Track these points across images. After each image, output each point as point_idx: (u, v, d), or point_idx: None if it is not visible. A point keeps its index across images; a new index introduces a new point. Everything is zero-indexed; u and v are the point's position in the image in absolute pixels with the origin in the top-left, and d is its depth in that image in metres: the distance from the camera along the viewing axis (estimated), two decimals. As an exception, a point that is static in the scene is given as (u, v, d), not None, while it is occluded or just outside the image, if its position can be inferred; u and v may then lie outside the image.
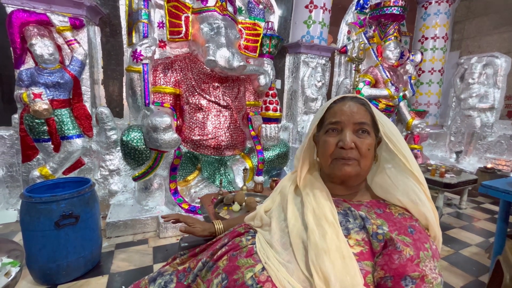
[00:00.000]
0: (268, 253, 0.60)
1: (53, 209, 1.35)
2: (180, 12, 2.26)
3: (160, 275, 0.74)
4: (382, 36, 3.68)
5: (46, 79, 1.91)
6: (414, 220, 0.59)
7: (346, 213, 0.62)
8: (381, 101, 3.59)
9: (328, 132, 0.66)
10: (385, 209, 0.61)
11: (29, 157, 2.04)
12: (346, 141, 0.62)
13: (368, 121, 0.64)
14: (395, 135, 0.64)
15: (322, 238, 0.56)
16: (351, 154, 0.62)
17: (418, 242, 0.54)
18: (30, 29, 1.87)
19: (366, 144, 0.63)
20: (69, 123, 2.03)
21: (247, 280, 0.55)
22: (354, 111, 0.64)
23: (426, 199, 0.59)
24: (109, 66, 2.46)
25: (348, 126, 0.63)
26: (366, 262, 0.54)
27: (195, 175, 2.30)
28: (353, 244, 0.56)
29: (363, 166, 0.63)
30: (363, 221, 0.59)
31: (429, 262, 0.52)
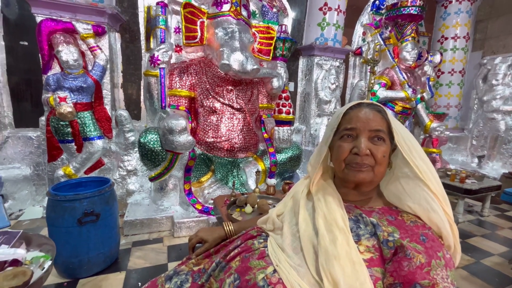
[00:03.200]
0: (280, 257, 0.61)
1: (76, 206, 1.42)
2: (196, 18, 2.33)
3: (176, 274, 0.77)
4: (398, 37, 3.59)
5: (71, 84, 2.03)
6: (427, 228, 0.58)
7: (357, 220, 0.62)
8: (397, 103, 3.50)
9: (343, 137, 0.66)
10: (397, 216, 0.61)
11: (54, 157, 2.16)
12: (361, 148, 0.62)
13: (384, 128, 0.64)
14: (409, 143, 0.63)
15: (332, 244, 0.57)
16: (366, 161, 0.62)
17: (431, 250, 0.53)
18: (57, 36, 1.99)
19: (381, 151, 0.63)
20: (90, 125, 2.14)
21: (259, 281, 0.57)
22: (370, 118, 0.65)
23: (440, 208, 0.58)
24: (128, 71, 2.56)
25: (363, 133, 0.64)
26: (376, 268, 0.54)
27: (208, 176, 2.34)
28: (363, 251, 0.57)
29: (377, 173, 0.64)
30: (374, 228, 0.59)
31: (441, 271, 0.51)
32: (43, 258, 0.54)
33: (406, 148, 0.63)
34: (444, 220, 0.58)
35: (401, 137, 0.64)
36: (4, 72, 2.16)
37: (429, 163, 0.63)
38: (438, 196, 0.60)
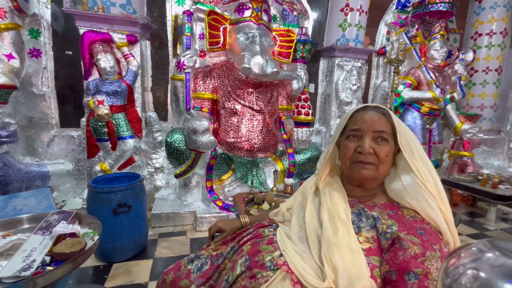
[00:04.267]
0: (286, 243, 0.68)
1: (112, 198, 1.60)
2: (219, 24, 2.45)
3: (197, 258, 0.87)
4: (426, 35, 3.45)
5: (107, 88, 2.25)
6: (426, 223, 0.62)
7: (359, 213, 0.67)
8: (424, 104, 3.37)
9: (349, 137, 0.72)
10: (397, 211, 0.65)
11: (93, 154, 2.40)
12: (365, 147, 0.67)
13: (387, 130, 0.69)
14: (412, 144, 0.67)
15: (334, 234, 0.62)
16: (369, 159, 0.68)
17: (427, 243, 0.57)
18: (97, 46, 2.22)
19: (384, 151, 0.68)
20: (124, 125, 2.35)
21: (266, 262, 0.64)
22: (375, 120, 0.69)
23: (437, 206, 0.62)
24: (157, 75, 2.76)
25: (367, 134, 0.69)
26: (373, 257, 0.59)
27: (229, 175, 2.45)
28: (363, 241, 0.62)
29: (380, 171, 0.68)
30: (375, 221, 0.64)
31: (435, 262, 0.55)
32: (92, 234, 0.66)
33: (407, 149, 0.67)
34: (440, 217, 0.61)
35: (404, 138, 0.68)
36: (52, 78, 2.45)
37: (429, 165, 0.67)
38: (434, 195, 0.63)
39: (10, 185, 2.07)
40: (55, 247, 0.57)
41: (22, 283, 0.47)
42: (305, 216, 0.72)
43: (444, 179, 2.88)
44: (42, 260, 0.53)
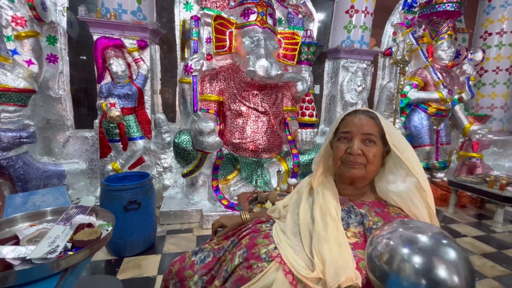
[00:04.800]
0: (281, 238, 0.74)
1: (123, 196, 1.69)
2: (225, 28, 2.53)
3: (200, 251, 0.94)
4: (433, 35, 3.43)
5: (119, 91, 2.36)
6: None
7: (349, 210, 0.73)
8: (431, 105, 3.35)
9: (340, 139, 0.77)
10: (383, 209, 0.70)
11: (105, 154, 2.52)
12: (354, 148, 0.73)
13: (375, 132, 0.74)
14: (402, 144, 0.72)
15: (324, 229, 0.68)
16: (358, 159, 0.73)
17: (410, 238, 0.62)
18: (109, 51, 2.33)
19: (372, 152, 0.73)
20: (134, 127, 2.45)
21: (262, 254, 0.70)
22: (364, 123, 0.75)
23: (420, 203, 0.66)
24: (166, 78, 2.86)
25: (357, 136, 0.74)
26: (359, 250, 0.64)
27: (234, 175, 2.52)
28: (350, 236, 0.67)
29: (369, 171, 0.73)
30: (362, 217, 0.69)
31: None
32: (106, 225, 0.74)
33: (400, 148, 0.71)
34: (424, 213, 0.66)
35: (394, 138, 0.73)
36: (68, 82, 2.58)
37: (418, 161, 0.71)
38: (426, 191, 0.67)
39: (29, 182, 2.20)
40: (75, 235, 0.65)
41: (47, 264, 0.54)
42: (299, 213, 0.78)
43: (450, 181, 2.86)
44: (64, 246, 0.60)
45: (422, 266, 0.22)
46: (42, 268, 0.53)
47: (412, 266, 0.23)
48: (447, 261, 0.22)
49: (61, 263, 0.55)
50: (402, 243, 0.25)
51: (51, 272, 0.54)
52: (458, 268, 0.22)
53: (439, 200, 3.09)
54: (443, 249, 0.23)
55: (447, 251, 0.23)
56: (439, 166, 3.45)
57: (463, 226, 2.53)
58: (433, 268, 0.22)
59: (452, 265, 0.22)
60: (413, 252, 0.24)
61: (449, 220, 2.65)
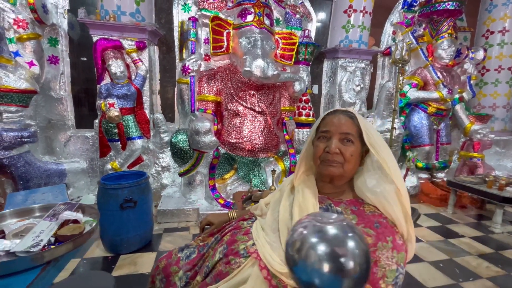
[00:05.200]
0: (259, 234, 0.76)
1: (119, 194, 1.73)
2: (223, 29, 2.55)
3: (186, 247, 0.96)
4: (433, 34, 3.40)
5: (118, 92, 2.40)
6: (383, 218, 0.67)
7: (327, 208, 0.74)
8: (430, 104, 3.33)
9: (319, 138, 0.79)
10: (359, 207, 0.71)
11: (105, 154, 2.57)
12: (331, 147, 0.74)
13: (353, 132, 0.75)
14: (379, 144, 0.73)
15: None
16: (336, 158, 0.74)
17: (381, 235, 0.63)
18: (108, 52, 2.38)
19: (350, 151, 0.74)
20: (133, 127, 2.49)
21: (240, 250, 0.72)
22: (342, 122, 0.76)
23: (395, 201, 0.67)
24: (164, 78, 2.90)
25: (335, 135, 0.75)
26: (334, 247, 0.66)
27: (231, 174, 2.54)
28: (326, 233, 0.68)
29: (346, 169, 0.74)
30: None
31: (386, 252, 0.61)
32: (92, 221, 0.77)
33: (377, 147, 0.72)
34: (397, 211, 0.67)
35: (372, 138, 0.74)
36: (69, 83, 2.63)
37: (395, 161, 0.72)
38: (401, 190, 0.68)
39: (31, 181, 2.26)
40: (60, 230, 0.69)
41: (29, 256, 0.57)
42: (279, 210, 0.79)
43: (449, 181, 2.84)
44: (48, 240, 0.63)
45: (325, 253, 0.24)
46: (24, 260, 0.56)
47: (317, 253, 0.25)
48: (346, 250, 0.24)
49: (43, 255, 0.58)
50: (312, 232, 0.27)
51: (33, 264, 0.57)
52: (355, 256, 0.24)
53: (439, 201, 3.07)
54: (345, 240, 0.25)
55: (348, 242, 0.25)
56: (439, 166, 3.43)
57: (462, 226, 2.51)
58: (333, 255, 0.24)
59: (350, 254, 0.25)
60: (320, 241, 0.26)
61: (447, 221, 2.63)
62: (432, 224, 2.54)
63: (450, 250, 2.07)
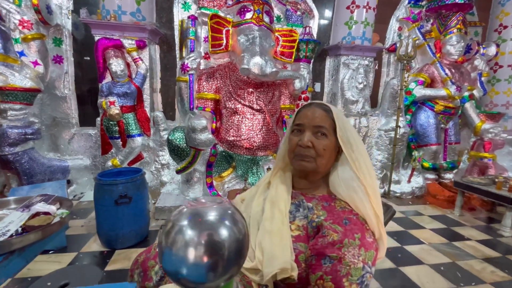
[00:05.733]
0: (230, 229, 0.74)
1: (114, 190, 1.75)
2: (222, 27, 2.55)
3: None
4: (441, 29, 3.28)
5: (118, 90, 2.44)
6: (354, 214, 0.65)
7: (299, 204, 0.72)
8: (438, 102, 3.21)
9: (293, 132, 0.76)
10: (330, 203, 0.69)
11: (106, 151, 2.62)
12: (304, 141, 0.72)
13: (327, 125, 0.72)
14: (352, 140, 0.70)
15: (270, 222, 0.68)
16: (308, 152, 0.71)
17: (349, 232, 0.60)
18: (109, 51, 2.43)
19: (323, 145, 0.71)
20: (133, 124, 2.53)
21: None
22: (316, 115, 0.73)
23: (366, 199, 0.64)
24: (165, 77, 2.93)
25: (308, 128, 0.73)
26: (301, 243, 0.64)
27: (229, 172, 2.54)
28: (294, 229, 0.66)
29: (319, 164, 0.72)
30: (308, 211, 0.68)
31: (353, 249, 0.58)
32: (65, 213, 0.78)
33: (347, 143, 0.70)
34: (368, 208, 0.64)
35: (344, 133, 0.71)
36: (72, 82, 2.71)
37: (367, 159, 0.69)
38: (367, 188, 0.65)
39: (35, 177, 2.33)
40: (29, 221, 0.70)
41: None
42: (252, 206, 0.77)
43: (456, 182, 2.73)
44: (15, 230, 0.64)
45: (191, 239, 0.23)
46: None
47: (184, 238, 0.23)
48: (218, 237, 0.23)
49: (7, 244, 0.59)
50: (186, 215, 0.25)
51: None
52: (225, 245, 0.22)
53: (446, 202, 2.95)
54: (218, 227, 0.23)
55: (221, 229, 0.23)
56: (447, 167, 3.30)
57: (468, 229, 2.41)
58: (202, 242, 0.22)
59: (221, 242, 0.23)
60: (190, 225, 0.24)
61: (453, 223, 2.52)
62: (436, 226, 2.44)
63: (454, 253, 1.98)
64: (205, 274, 0.23)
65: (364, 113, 3.12)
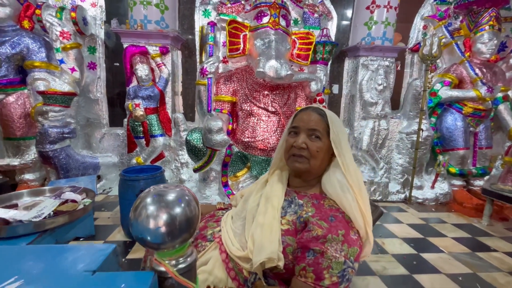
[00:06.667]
0: (227, 222, 0.81)
1: (136, 185, 1.90)
2: (239, 32, 2.64)
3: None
4: (471, 26, 3.09)
5: (143, 93, 2.64)
6: (340, 212, 0.68)
7: (291, 201, 0.77)
8: (466, 104, 3.03)
9: (290, 134, 0.82)
10: (320, 201, 0.73)
11: (132, 149, 2.83)
12: (298, 142, 0.77)
13: (320, 129, 0.77)
14: (342, 143, 0.75)
15: (263, 216, 0.73)
16: (302, 153, 0.76)
17: (333, 228, 0.64)
18: (136, 58, 2.63)
19: (316, 147, 0.76)
20: (155, 125, 2.71)
21: (208, 235, 0.78)
22: (311, 119, 0.78)
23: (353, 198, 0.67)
24: (186, 80, 3.09)
25: (303, 131, 0.78)
26: (289, 237, 0.69)
27: (244, 172, 2.62)
28: (284, 223, 0.71)
29: (312, 165, 0.76)
30: (299, 208, 0.72)
31: (336, 244, 0.62)
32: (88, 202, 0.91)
33: (338, 145, 0.74)
34: (353, 207, 0.67)
35: (336, 137, 0.75)
36: (104, 86, 2.96)
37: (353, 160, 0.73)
38: (354, 188, 0.68)
39: (70, 171, 2.59)
40: (59, 207, 0.82)
41: (32, 224, 0.71)
42: (249, 201, 0.84)
43: (485, 189, 2.55)
44: (48, 213, 0.77)
45: (152, 212, 0.30)
46: (26, 226, 0.69)
47: (146, 212, 0.30)
48: (171, 212, 0.29)
49: (40, 224, 0.71)
50: (151, 195, 0.32)
51: (34, 231, 0.70)
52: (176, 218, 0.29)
53: (474, 211, 2.77)
54: (173, 206, 0.30)
55: (175, 208, 0.30)
56: (477, 173, 3.09)
57: (496, 240, 2.25)
58: (159, 215, 0.29)
59: (173, 216, 0.29)
60: (152, 202, 0.31)
61: (479, 233, 2.37)
62: (459, 235, 2.31)
63: (475, 264, 1.87)
64: (162, 238, 0.30)
65: (383, 115, 3.03)
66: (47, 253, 0.33)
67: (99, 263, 0.31)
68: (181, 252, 0.32)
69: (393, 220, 2.57)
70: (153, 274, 0.30)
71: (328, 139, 0.76)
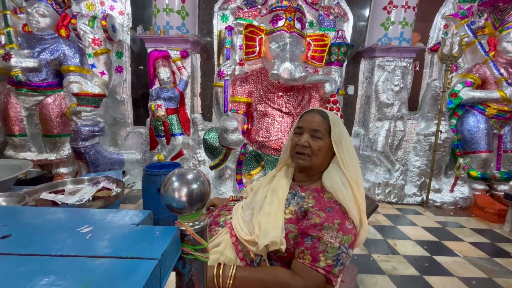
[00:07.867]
0: (238, 210, 0.91)
1: (157, 180, 2.06)
2: (255, 35, 2.74)
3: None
4: (497, 24, 2.98)
5: (164, 95, 2.81)
6: (337, 204, 0.75)
7: (295, 193, 0.85)
8: (489, 105, 2.92)
9: (295, 133, 0.90)
10: (320, 194, 0.80)
11: (154, 147, 3.02)
12: (301, 141, 0.85)
13: (322, 129, 0.85)
14: (344, 142, 0.82)
15: (269, 205, 0.82)
16: (304, 151, 0.85)
17: (330, 218, 0.72)
18: (158, 61, 2.81)
19: (317, 146, 0.84)
20: (175, 125, 2.88)
21: (220, 221, 0.89)
22: (314, 120, 0.86)
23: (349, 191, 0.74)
24: (205, 82, 3.25)
25: (306, 131, 0.86)
26: (291, 224, 0.77)
27: (257, 170, 2.71)
28: (288, 213, 0.80)
29: (314, 162, 0.84)
30: (301, 199, 0.80)
31: (331, 232, 0.69)
32: (119, 190, 1.05)
33: (338, 144, 0.81)
34: (349, 200, 0.74)
35: (337, 136, 0.83)
36: (129, 88, 3.19)
37: (354, 158, 0.80)
38: (351, 183, 0.75)
39: (99, 166, 2.83)
40: (97, 193, 0.97)
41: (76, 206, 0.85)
42: (258, 194, 0.93)
43: (507, 194, 2.45)
44: (88, 198, 0.91)
45: (176, 186, 0.40)
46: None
47: (173, 186, 0.41)
48: (191, 186, 0.40)
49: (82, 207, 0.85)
50: (175, 175, 0.43)
51: (75, 213, 0.84)
52: (194, 191, 0.40)
53: (496, 216, 2.67)
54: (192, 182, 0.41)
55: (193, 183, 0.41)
56: (501, 177, 2.96)
57: (518, 247, 2.16)
58: (181, 188, 0.40)
59: (192, 189, 0.40)
60: (176, 179, 0.42)
61: (500, 238, 2.29)
62: (477, 240, 2.25)
63: (492, 269, 1.83)
64: (183, 205, 0.41)
65: (400, 117, 3.00)
66: (104, 213, 0.44)
67: (140, 220, 0.43)
68: (196, 217, 0.43)
69: (408, 222, 2.55)
70: (177, 228, 0.41)
71: (329, 139, 0.83)
